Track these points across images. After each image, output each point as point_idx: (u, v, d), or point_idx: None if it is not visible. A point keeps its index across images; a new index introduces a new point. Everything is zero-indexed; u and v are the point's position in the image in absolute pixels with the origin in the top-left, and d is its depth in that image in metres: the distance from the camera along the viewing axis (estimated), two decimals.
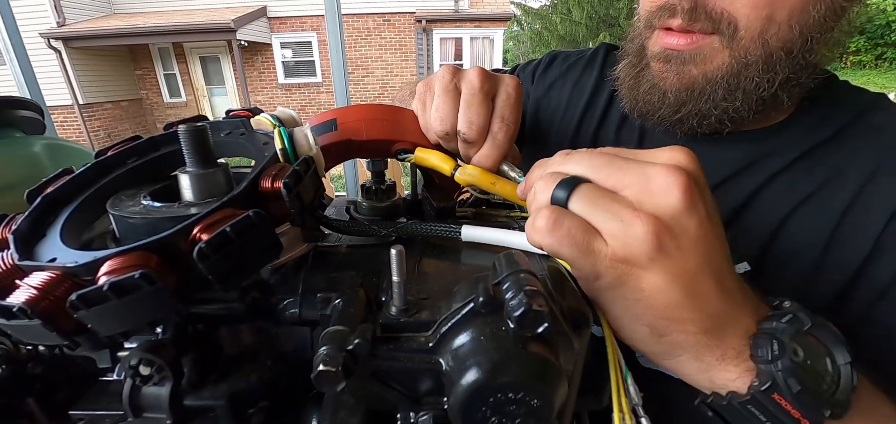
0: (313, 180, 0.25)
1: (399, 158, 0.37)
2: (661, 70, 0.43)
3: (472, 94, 0.34)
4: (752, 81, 0.39)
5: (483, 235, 0.29)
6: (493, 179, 0.33)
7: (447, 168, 0.34)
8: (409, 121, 0.38)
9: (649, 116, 0.46)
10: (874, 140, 0.41)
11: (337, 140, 0.35)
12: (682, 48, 0.41)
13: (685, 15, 0.39)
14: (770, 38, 0.37)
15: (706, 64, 0.40)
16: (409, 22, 8.68)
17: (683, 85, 0.42)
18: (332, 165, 0.39)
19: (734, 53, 0.39)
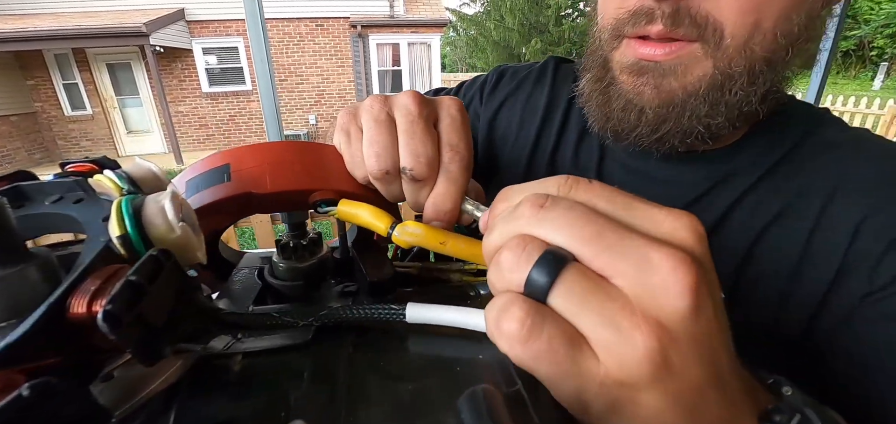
0: (170, 286, 0.17)
1: (319, 210, 0.29)
2: (636, 84, 0.38)
3: (410, 121, 0.27)
4: (736, 94, 0.36)
5: (434, 315, 0.22)
6: (443, 237, 0.25)
7: (382, 227, 0.26)
8: (330, 161, 0.30)
9: (624, 136, 0.41)
10: (829, 157, 0.40)
11: (231, 195, 0.26)
12: (660, 58, 0.36)
13: (667, 20, 0.34)
14: (755, 47, 0.34)
15: (687, 75, 0.36)
16: (344, 27, 8.43)
17: (663, 100, 0.37)
18: (226, 225, 0.30)
19: (718, 63, 0.35)
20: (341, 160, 0.30)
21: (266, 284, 0.31)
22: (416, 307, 0.22)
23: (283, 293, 0.31)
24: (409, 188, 0.28)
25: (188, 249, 0.19)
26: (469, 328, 0.22)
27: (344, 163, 0.30)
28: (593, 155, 0.50)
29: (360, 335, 0.22)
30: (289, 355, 0.21)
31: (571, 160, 0.51)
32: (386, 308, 0.22)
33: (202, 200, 0.26)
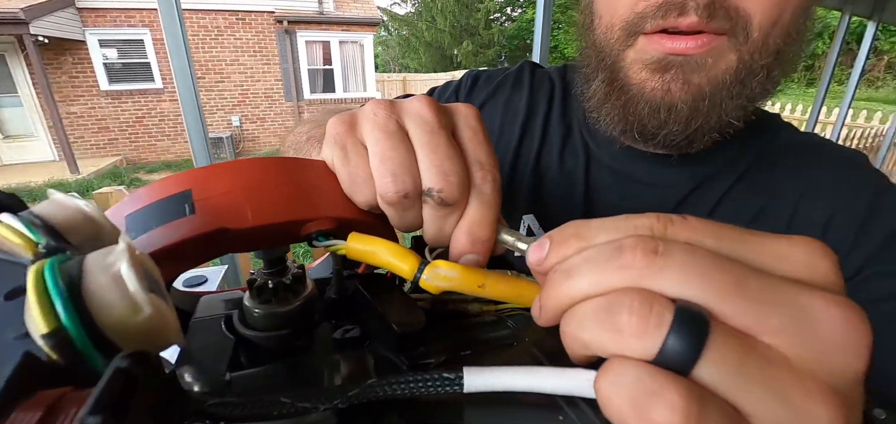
0: (147, 409, 0.10)
1: (315, 244, 0.23)
2: (663, 81, 0.36)
3: (430, 132, 0.22)
4: (755, 88, 0.36)
5: (501, 381, 0.17)
6: (482, 278, 0.21)
7: (407, 269, 0.21)
8: (324, 182, 0.24)
9: (651, 137, 0.39)
10: (793, 161, 0.44)
11: (198, 233, 0.19)
12: (691, 52, 0.35)
13: (702, 11, 0.33)
14: (772, 41, 0.34)
15: (713, 69, 0.35)
16: (269, 22, 7.91)
17: (693, 95, 0.36)
18: (191, 266, 0.23)
19: (742, 57, 0.34)
20: (336, 180, 0.24)
21: (239, 337, 0.24)
22: (475, 373, 0.17)
23: (264, 347, 0.24)
24: (434, 215, 0.22)
25: (162, 333, 0.12)
26: (552, 393, 0.17)
27: (339, 183, 0.24)
28: (579, 159, 0.49)
29: (402, 415, 0.17)
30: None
31: (557, 165, 0.50)
32: (437, 377, 0.17)
33: (156, 242, 0.19)
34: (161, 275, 0.15)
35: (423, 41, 16.65)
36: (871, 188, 0.41)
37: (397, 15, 17.35)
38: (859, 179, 0.42)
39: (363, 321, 0.25)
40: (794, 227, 0.41)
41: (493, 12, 16.76)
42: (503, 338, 0.22)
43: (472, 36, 16.21)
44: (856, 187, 0.41)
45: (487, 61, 15.81)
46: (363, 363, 0.21)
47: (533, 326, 0.24)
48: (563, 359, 0.18)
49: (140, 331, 0.12)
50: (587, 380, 0.16)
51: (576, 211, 0.48)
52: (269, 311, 0.25)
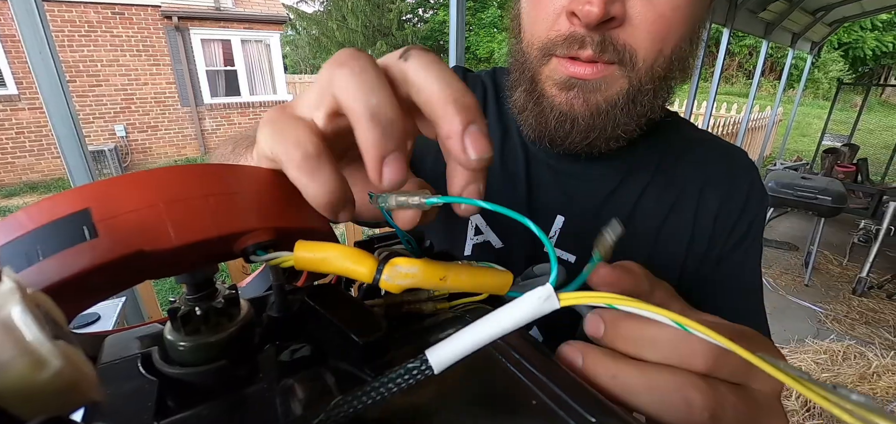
0: None
1: (251, 259, 0.20)
2: (567, 98, 0.43)
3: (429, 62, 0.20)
4: (644, 105, 0.43)
5: (470, 339, 0.16)
6: (442, 271, 0.20)
7: (365, 271, 0.19)
8: (259, 189, 0.21)
9: (558, 142, 0.46)
10: (696, 154, 0.53)
11: (105, 261, 0.16)
12: (588, 76, 0.41)
13: (596, 46, 0.39)
14: (658, 69, 0.42)
15: (608, 90, 0.42)
16: (154, 17, 7.02)
17: (591, 111, 0.43)
18: (95, 302, 0.19)
19: (632, 81, 0.42)
20: (274, 186, 0.22)
21: (164, 377, 0.21)
22: (438, 350, 0.16)
23: (196, 384, 0.21)
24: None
25: (77, 389, 0.10)
26: (515, 326, 0.17)
27: (277, 188, 0.22)
28: (519, 158, 0.53)
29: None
30: None
31: (499, 165, 0.53)
32: (404, 370, 0.16)
33: (49, 276, 0.15)
34: (64, 317, 0.12)
35: (335, 41, 16.07)
36: (747, 181, 0.51)
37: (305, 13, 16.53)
38: (740, 172, 0.52)
39: (313, 337, 0.23)
40: (698, 216, 0.50)
41: (406, 13, 16.78)
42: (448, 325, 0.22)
43: (386, 36, 16.05)
44: (738, 179, 0.51)
45: None
46: (322, 383, 0.19)
47: None
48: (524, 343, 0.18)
49: (49, 391, 0.09)
50: (538, 298, 0.16)
51: (520, 207, 0.51)
52: (198, 342, 0.21)
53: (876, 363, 2.44)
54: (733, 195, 0.50)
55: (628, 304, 0.17)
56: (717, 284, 0.50)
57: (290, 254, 0.19)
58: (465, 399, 0.17)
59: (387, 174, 0.18)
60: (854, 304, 3.13)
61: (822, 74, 16.16)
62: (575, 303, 0.18)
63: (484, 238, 0.51)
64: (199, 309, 0.22)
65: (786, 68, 6.56)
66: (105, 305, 1.34)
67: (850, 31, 14.90)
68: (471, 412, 0.17)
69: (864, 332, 2.81)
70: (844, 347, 2.59)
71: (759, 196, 0.52)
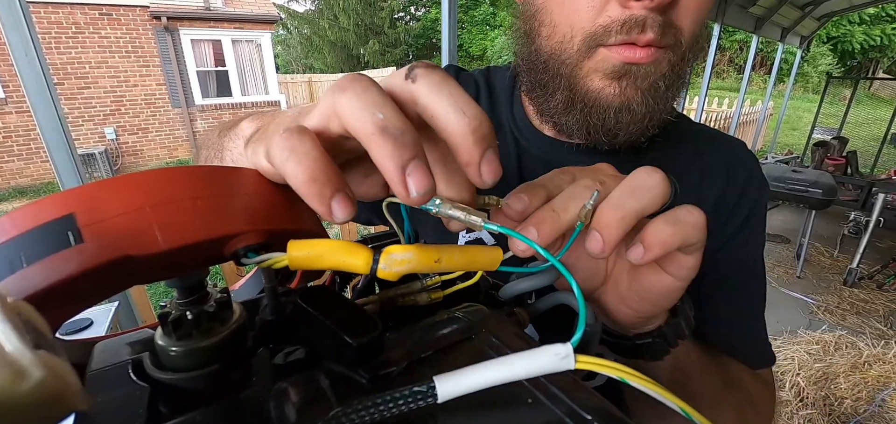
0: None
1: (242, 262, 0.20)
2: (621, 88, 0.41)
3: (439, 80, 0.20)
4: (678, 88, 0.43)
5: (480, 378, 0.16)
6: (436, 253, 0.20)
7: (361, 263, 0.19)
8: (249, 190, 0.21)
9: (616, 136, 0.43)
10: (694, 146, 0.52)
11: (91, 266, 0.16)
12: (643, 61, 0.39)
13: (658, 29, 0.38)
14: (690, 51, 0.42)
15: (653, 75, 0.41)
16: (143, 18, 6.94)
17: (642, 97, 0.41)
18: (82, 309, 0.19)
19: (672, 64, 0.41)
20: (265, 187, 0.21)
21: (155, 383, 0.21)
22: (446, 379, 0.16)
23: (189, 390, 0.21)
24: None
25: (60, 400, 0.10)
26: (526, 377, 0.17)
27: (268, 189, 0.21)
28: (511, 155, 0.52)
29: None
30: None
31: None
32: (409, 393, 0.15)
33: (34, 283, 0.15)
34: (47, 325, 0.12)
35: (326, 40, 15.98)
36: (746, 171, 0.51)
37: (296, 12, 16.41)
38: (739, 161, 0.52)
39: (307, 340, 0.23)
40: (701, 200, 0.50)
41: (398, 11, 16.70)
42: (460, 334, 0.22)
43: (378, 35, 15.98)
44: (737, 169, 0.51)
45: (395, 60, 15.72)
46: (316, 387, 0.18)
47: (486, 317, 0.24)
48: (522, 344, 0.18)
49: (30, 403, 0.09)
50: (556, 355, 0.16)
51: None
52: (190, 347, 0.21)
53: (867, 353, 2.48)
54: (732, 184, 0.50)
55: (641, 382, 0.17)
56: (718, 274, 0.49)
57: (282, 255, 0.19)
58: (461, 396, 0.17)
59: (412, 185, 0.17)
60: (845, 295, 3.18)
61: (812, 68, 16.33)
62: (590, 369, 0.18)
63: (476, 236, 0.51)
64: (190, 314, 0.21)
65: (776, 63, 6.63)
66: (97, 310, 1.33)
67: (838, 25, 15.07)
68: (466, 409, 0.17)
69: (855, 322, 2.85)
70: (836, 337, 2.63)
71: (759, 184, 0.51)
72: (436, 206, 0.21)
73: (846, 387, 2.24)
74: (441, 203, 0.21)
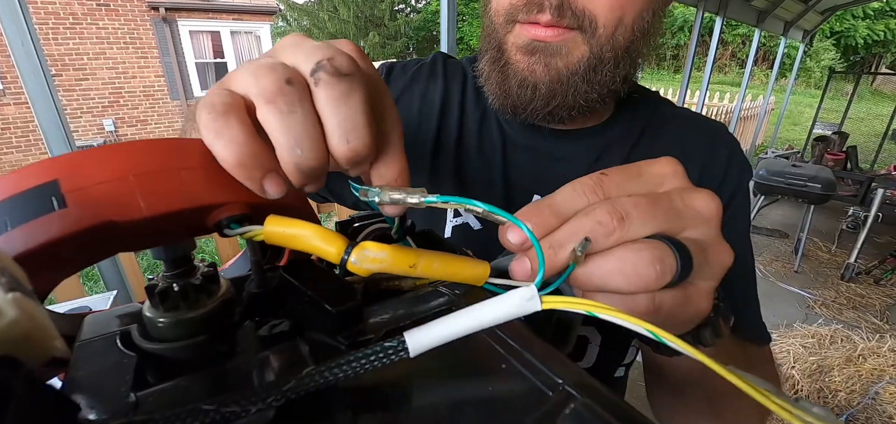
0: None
1: (225, 233, 0.20)
2: (528, 63, 0.43)
3: (337, 84, 0.20)
4: (606, 75, 0.43)
5: (450, 329, 0.17)
6: (413, 257, 0.20)
7: (333, 251, 0.19)
8: None
9: (521, 110, 0.45)
10: (673, 130, 0.53)
11: (74, 230, 0.16)
12: (549, 40, 0.42)
13: (553, 11, 0.40)
14: (619, 37, 0.42)
15: (569, 57, 0.42)
16: (141, 9, 6.91)
17: (551, 77, 0.43)
18: (56, 283, 0.19)
19: (592, 49, 0.42)
20: None
21: (143, 353, 0.21)
22: (416, 333, 0.16)
23: (175, 360, 0.21)
24: (355, 170, 0.23)
25: (36, 338, 0.10)
26: (494, 323, 0.18)
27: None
28: (496, 141, 0.52)
29: (345, 398, 0.16)
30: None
31: (476, 150, 0.53)
32: (380, 349, 0.16)
33: (16, 245, 0.15)
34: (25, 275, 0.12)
35: (326, 32, 15.89)
36: (726, 152, 0.52)
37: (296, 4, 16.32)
38: (719, 144, 0.52)
39: (291, 312, 0.23)
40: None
41: (398, 3, 16.59)
42: (440, 306, 0.22)
43: (378, 27, 15.88)
44: (717, 151, 0.52)
45: (395, 53, 15.65)
46: (297, 354, 0.19)
47: (469, 291, 0.25)
48: None
49: (4, 341, 0.09)
50: (521, 298, 0.17)
51: (496, 191, 0.51)
52: (177, 318, 0.21)
53: (862, 346, 2.49)
54: (712, 167, 0.50)
55: (609, 313, 0.18)
56: None
57: (259, 228, 0.20)
58: (433, 361, 0.18)
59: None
60: (842, 289, 3.19)
61: (814, 62, 16.27)
62: (556, 307, 0.18)
63: (463, 220, 0.51)
64: (176, 286, 0.22)
65: (778, 57, 6.60)
66: (96, 298, 1.34)
67: (842, 19, 15.00)
68: (439, 374, 0.17)
69: (851, 316, 2.86)
70: (831, 331, 2.64)
71: (740, 166, 0.52)
72: (377, 195, 0.22)
73: (840, 380, 2.26)
74: (380, 191, 0.22)
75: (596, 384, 0.17)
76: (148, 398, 0.19)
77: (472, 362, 0.18)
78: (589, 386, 0.17)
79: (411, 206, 0.22)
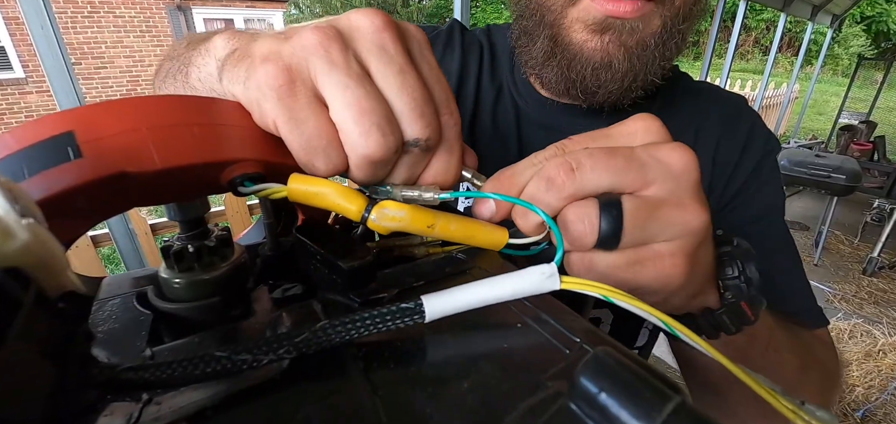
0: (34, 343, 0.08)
1: (239, 191, 0.20)
2: (602, 42, 0.39)
3: (401, 72, 0.20)
4: (672, 50, 0.40)
5: (468, 297, 0.16)
6: (431, 218, 0.20)
7: (354, 209, 0.19)
8: (245, 121, 0.21)
9: (590, 95, 0.42)
10: (691, 103, 0.50)
11: (89, 179, 0.16)
12: (628, 15, 0.37)
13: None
14: (686, 7, 0.39)
15: (643, 31, 0.39)
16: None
17: (626, 55, 0.39)
18: (73, 237, 0.19)
19: (665, 21, 0.39)
20: (250, 120, 0.21)
21: (158, 313, 0.21)
22: (435, 297, 0.16)
23: (190, 319, 0.21)
24: (411, 164, 0.21)
25: (48, 265, 0.10)
26: (512, 297, 0.17)
27: (255, 123, 0.21)
28: (510, 118, 0.51)
29: (359, 351, 0.16)
30: (261, 401, 0.14)
31: (490, 126, 0.51)
32: (397, 309, 0.15)
33: (35, 193, 0.15)
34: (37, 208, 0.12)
35: None
36: (748, 123, 0.49)
37: None
38: (739, 116, 0.50)
39: (306, 276, 0.23)
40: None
41: None
42: (455, 270, 0.22)
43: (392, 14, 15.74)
44: (736, 122, 0.49)
45: None
46: (310, 311, 0.19)
47: (484, 255, 0.24)
48: None
49: (19, 259, 0.09)
50: (541, 274, 0.16)
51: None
52: (192, 279, 0.22)
53: (882, 342, 2.43)
54: (731, 139, 0.47)
55: (622, 298, 0.18)
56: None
57: (281, 186, 0.19)
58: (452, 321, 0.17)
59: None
60: (863, 284, 3.10)
61: (843, 49, 15.66)
62: (575, 288, 0.18)
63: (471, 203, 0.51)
64: (191, 247, 0.22)
65: (804, 43, 6.37)
66: None
67: (873, 3, 14.37)
68: (452, 330, 0.17)
69: (871, 311, 2.78)
70: (851, 325, 2.57)
71: (764, 136, 0.48)
72: (386, 194, 0.21)
73: (858, 375, 2.20)
74: (390, 189, 0.21)
75: (611, 341, 0.17)
76: (163, 352, 0.19)
77: (485, 319, 0.18)
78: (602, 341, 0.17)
79: (427, 202, 0.22)
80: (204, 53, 0.26)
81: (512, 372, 0.15)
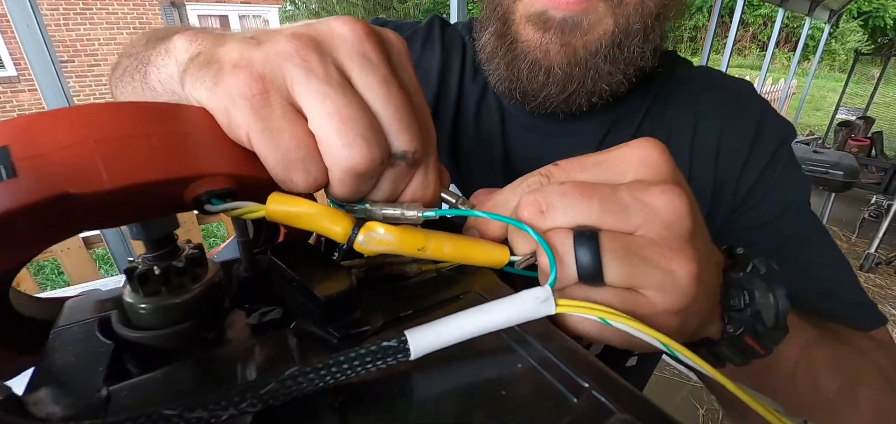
0: None
1: (206, 209, 0.18)
2: (541, 40, 0.37)
3: (385, 82, 0.18)
4: (634, 50, 0.37)
5: (457, 330, 0.14)
6: (422, 239, 0.18)
7: (339, 231, 0.17)
8: (211, 130, 0.19)
9: (531, 97, 0.39)
10: (688, 92, 0.46)
11: (26, 203, 0.14)
12: (569, 11, 0.35)
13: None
14: (647, 3, 0.36)
15: (590, 32, 0.36)
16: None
17: (569, 58, 0.37)
18: (17, 265, 0.17)
19: (618, 21, 0.36)
20: (218, 128, 0.19)
21: (120, 341, 0.19)
22: (420, 332, 0.14)
23: (157, 348, 0.19)
24: (395, 179, 0.20)
25: None
26: (505, 325, 0.15)
27: (223, 132, 0.19)
28: (494, 119, 0.48)
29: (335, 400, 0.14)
30: None
31: (474, 127, 0.48)
32: (377, 349, 0.13)
33: None
34: None
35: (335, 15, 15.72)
36: (758, 112, 0.45)
37: None
38: (746, 104, 0.46)
39: (285, 299, 0.21)
40: (695, 149, 0.44)
41: None
42: (447, 295, 0.20)
43: (388, 10, 15.69)
44: (743, 110, 0.45)
45: None
46: (284, 346, 0.17)
47: (478, 274, 0.22)
48: None
49: None
50: (536, 298, 0.14)
51: (495, 170, 0.47)
52: (159, 304, 0.20)
53: None
54: (735, 134, 0.43)
55: (622, 321, 0.17)
56: (749, 236, 0.42)
57: (258, 206, 0.17)
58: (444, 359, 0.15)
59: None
60: (860, 280, 3.10)
61: (840, 44, 15.67)
62: (571, 312, 0.17)
63: None
64: (157, 269, 0.20)
65: (801, 39, 6.37)
66: (110, 281, 1.35)
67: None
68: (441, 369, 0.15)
69: None
70: None
71: (776, 125, 0.44)
72: (364, 212, 0.20)
73: None
74: (369, 206, 0.20)
75: (623, 383, 0.15)
76: (121, 391, 0.17)
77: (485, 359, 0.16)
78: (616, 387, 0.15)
79: (409, 221, 0.20)
80: (163, 54, 0.23)
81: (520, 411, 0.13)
